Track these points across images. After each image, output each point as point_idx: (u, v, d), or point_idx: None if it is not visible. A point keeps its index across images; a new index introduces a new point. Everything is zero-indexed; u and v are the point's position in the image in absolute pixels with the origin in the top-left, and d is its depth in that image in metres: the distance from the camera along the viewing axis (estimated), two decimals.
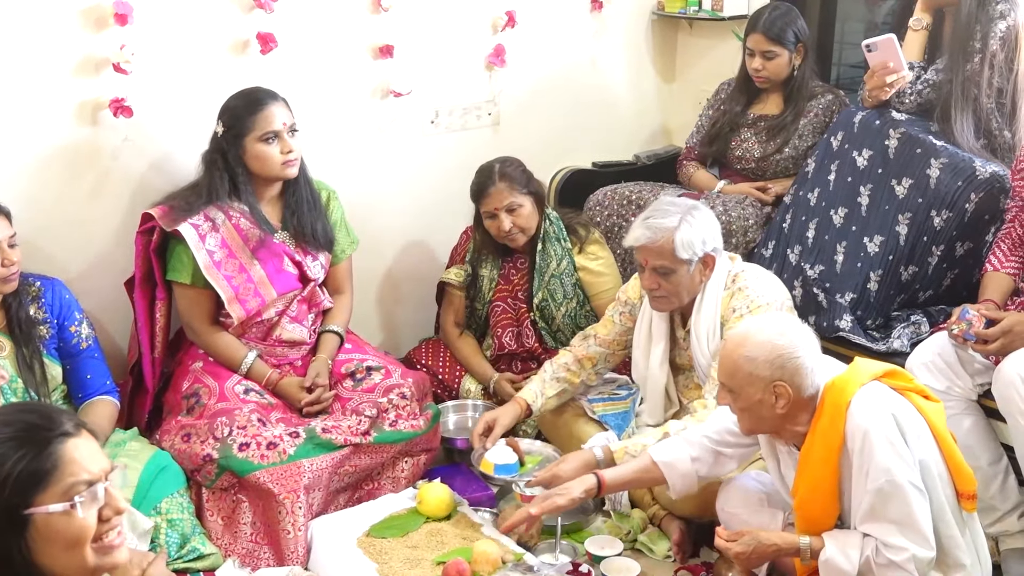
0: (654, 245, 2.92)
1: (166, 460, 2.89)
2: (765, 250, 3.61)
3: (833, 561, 2.37)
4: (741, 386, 2.41)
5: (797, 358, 2.37)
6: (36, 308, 2.91)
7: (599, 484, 2.71)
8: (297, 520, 2.85)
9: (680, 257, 2.91)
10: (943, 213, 3.12)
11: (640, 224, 2.96)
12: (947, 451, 2.40)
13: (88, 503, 1.69)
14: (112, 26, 3.10)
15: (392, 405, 3.15)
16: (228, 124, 3.09)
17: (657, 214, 2.96)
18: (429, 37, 3.81)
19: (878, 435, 2.30)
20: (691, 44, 4.57)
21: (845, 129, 3.43)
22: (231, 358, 3.17)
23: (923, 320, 3.25)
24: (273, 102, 3.10)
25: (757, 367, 2.37)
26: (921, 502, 2.30)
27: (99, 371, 3.02)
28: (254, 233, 3.13)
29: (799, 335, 2.41)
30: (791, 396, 2.37)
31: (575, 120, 4.33)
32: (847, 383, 2.39)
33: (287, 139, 3.09)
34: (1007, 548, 2.84)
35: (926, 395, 2.48)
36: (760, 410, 2.41)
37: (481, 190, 3.54)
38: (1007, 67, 3.21)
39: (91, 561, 1.71)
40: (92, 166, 3.22)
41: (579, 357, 3.27)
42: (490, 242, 3.64)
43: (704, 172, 4.01)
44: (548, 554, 2.85)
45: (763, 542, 2.45)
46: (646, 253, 2.96)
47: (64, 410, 2.14)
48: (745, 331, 2.46)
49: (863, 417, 2.33)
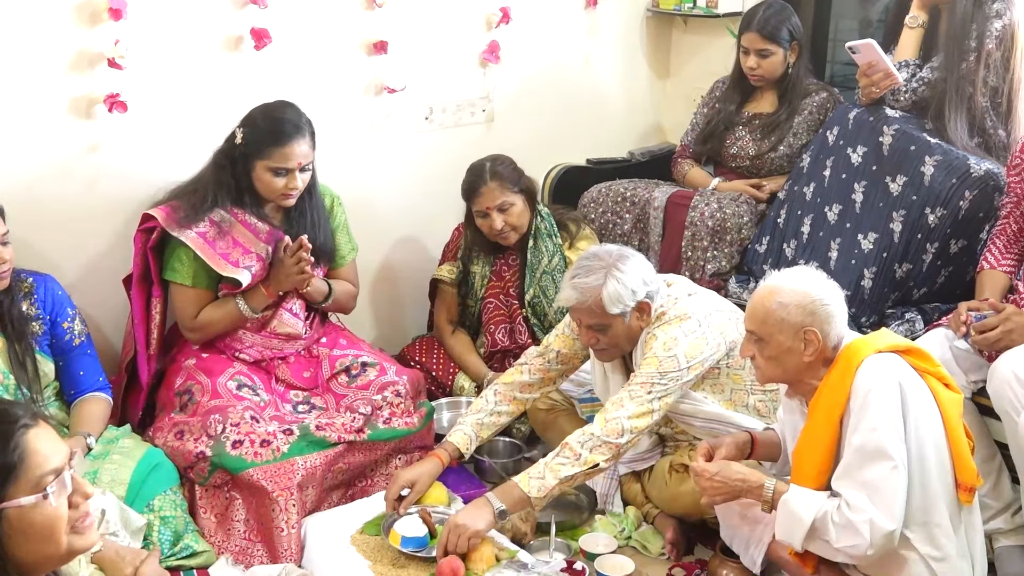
0: (583, 305, 2.86)
1: (159, 457, 2.88)
2: (759, 246, 3.62)
3: (791, 504, 2.40)
4: (771, 333, 2.45)
5: (828, 305, 2.43)
6: (28, 304, 2.89)
7: (752, 441, 2.71)
8: (290, 518, 2.84)
9: (611, 312, 2.84)
10: (937, 211, 3.12)
11: (567, 285, 2.90)
12: (953, 440, 2.40)
13: (59, 492, 1.69)
14: (106, 21, 3.08)
15: (386, 403, 3.15)
16: (246, 139, 3.05)
17: (581, 272, 2.88)
18: (423, 33, 3.81)
19: (877, 397, 2.33)
20: (685, 41, 4.57)
21: (840, 125, 3.44)
22: (231, 318, 3.14)
23: (917, 317, 3.26)
24: (298, 138, 3.04)
25: (789, 313, 2.42)
26: (897, 476, 2.31)
27: (92, 368, 3.00)
28: (262, 227, 3.13)
29: (830, 287, 2.47)
30: (819, 344, 2.41)
31: (569, 117, 4.33)
32: (866, 344, 2.43)
33: (296, 176, 3.06)
34: (1000, 546, 2.84)
35: (948, 383, 2.48)
36: (787, 359, 2.45)
37: (472, 189, 3.53)
38: (1003, 66, 3.22)
39: (65, 547, 1.72)
40: (87, 162, 3.20)
41: (532, 381, 3.11)
42: (481, 239, 3.64)
43: (699, 170, 4.01)
44: (542, 552, 2.85)
45: (733, 470, 2.52)
46: (578, 313, 2.90)
47: (17, 401, 2.12)
48: (777, 281, 2.51)
49: (869, 378, 2.35)
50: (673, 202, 3.80)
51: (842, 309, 2.46)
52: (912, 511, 2.35)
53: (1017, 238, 3.06)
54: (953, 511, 2.40)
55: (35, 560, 1.71)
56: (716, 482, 2.53)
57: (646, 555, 2.98)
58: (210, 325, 3.15)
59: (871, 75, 3.28)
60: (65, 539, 1.72)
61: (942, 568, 2.38)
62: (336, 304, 3.35)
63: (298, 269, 3.08)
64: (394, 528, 2.74)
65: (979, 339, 2.79)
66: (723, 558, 2.75)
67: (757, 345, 2.50)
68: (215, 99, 3.31)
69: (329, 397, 3.21)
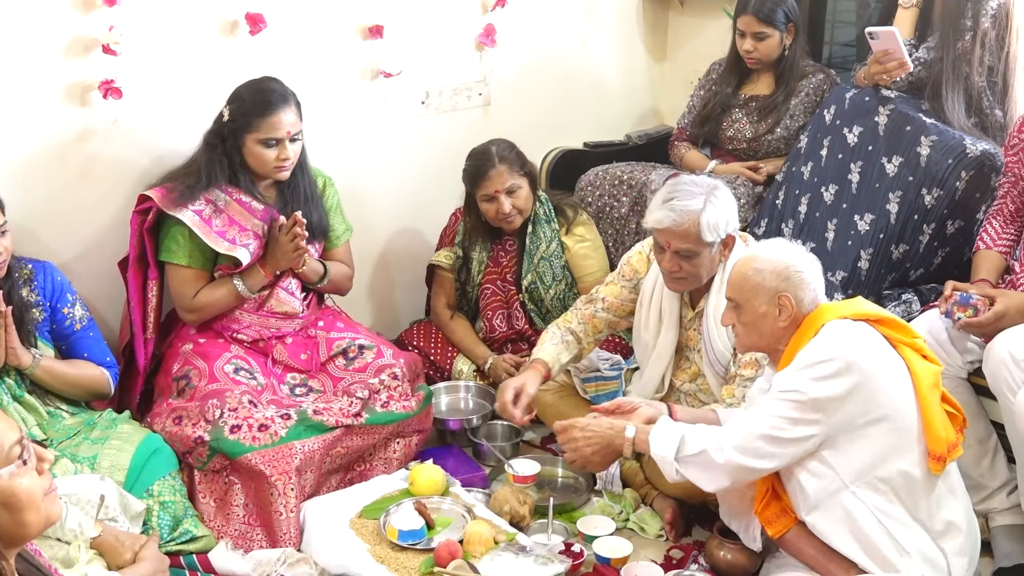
0: (679, 228, 2.83)
1: (158, 443, 2.89)
2: (758, 228, 3.61)
3: (663, 424, 2.56)
4: (747, 298, 2.52)
5: (801, 272, 2.50)
6: (29, 291, 2.90)
7: (670, 412, 2.77)
8: (289, 502, 2.85)
9: (705, 240, 2.83)
10: (934, 191, 3.12)
11: (662, 206, 2.85)
12: (924, 408, 2.42)
13: (31, 458, 1.75)
14: (101, 7, 3.08)
15: (384, 386, 3.16)
16: (233, 115, 3.07)
17: (681, 195, 2.85)
18: (419, 17, 3.79)
19: (819, 354, 2.37)
20: (682, 23, 4.55)
21: (837, 104, 3.43)
22: (229, 298, 3.15)
23: (914, 299, 3.25)
24: (284, 107, 3.06)
25: (764, 278, 2.49)
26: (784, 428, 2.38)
27: (97, 349, 3.02)
28: (257, 205, 3.13)
29: (807, 257, 2.55)
30: (793, 309, 2.48)
31: (566, 100, 4.32)
32: (831, 309, 2.50)
33: (287, 146, 3.08)
34: (996, 525, 2.85)
35: (925, 355, 2.50)
36: (763, 324, 2.52)
37: (480, 173, 3.51)
38: (998, 45, 3.21)
39: (44, 514, 1.77)
40: (82, 148, 3.20)
41: (584, 320, 3.18)
42: (481, 225, 3.63)
43: (696, 152, 4.00)
44: (541, 534, 2.86)
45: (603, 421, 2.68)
46: (669, 236, 2.86)
47: None
48: (754, 250, 2.63)
49: (824, 338, 2.41)
50: None
51: (817, 278, 2.53)
52: (860, 467, 2.39)
53: (1014, 218, 3.05)
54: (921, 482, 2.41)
55: (19, 532, 1.74)
56: (589, 432, 2.65)
57: (644, 536, 2.98)
58: (208, 306, 3.16)
59: (885, 63, 3.26)
60: (43, 506, 1.76)
61: (892, 524, 2.40)
62: (332, 285, 3.35)
63: (293, 246, 3.09)
64: (390, 522, 2.74)
65: (972, 325, 2.79)
66: (721, 539, 2.75)
67: (736, 312, 2.57)
68: (210, 85, 3.30)
69: (326, 380, 3.21)
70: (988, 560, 2.79)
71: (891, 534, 2.39)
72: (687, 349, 3.12)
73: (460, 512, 2.86)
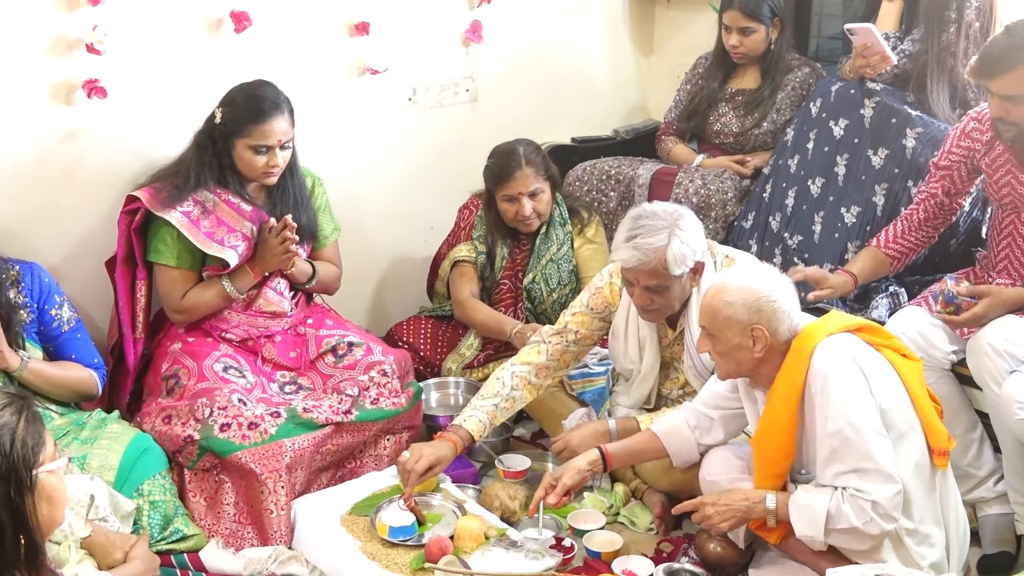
0: (646, 267, 2.76)
1: (147, 442, 2.88)
2: (745, 221, 3.62)
3: (802, 500, 2.45)
4: (720, 330, 2.47)
5: (774, 302, 2.44)
6: (16, 293, 2.89)
7: (604, 458, 2.76)
8: (280, 500, 2.85)
9: (674, 274, 2.77)
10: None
11: (626, 244, 2.77)
12: (920, 407, 2.44)
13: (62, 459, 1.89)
14: (84, 6, 3.06)
15: (373, 383, 3.16)
16: (225, 119, 3.06)
17: (644, 232, 2.76)
18: (405, 13, 3.79)
19: (837, 379, 2.36)
20: (668, 17, 4.55)
21: (823, 97, 3.44)
22: (217, 299, 3.14)
23: (901, 291, 3.27)
24: (276, 115, 3.05)
25: (736, 311, 2.44)
26: (881, 443, 2.36)
27: (84, 350, 3.01)
28: (246, 206, 3.13)
29: (776, 282, 2.50)
30: (768, 339, 2.44)
31: (553, 95, 4.31)
32: (817, 330, 2.46)
33: (277, 153, 3.07)
34: (984, 515, 2.87)
35: (904, 353, 2.51)
36: (738, 354, 2.48)
37: (506, 173, 3.46)
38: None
39: (64, 514, 1.92)
40: (68, 148, 3.19)
41: (553, 355, 3.05)
42: (501, 224, 3.60)
43: (683, 147, 4.01)
44: (531, 529, 2.86)
45: (735, 495, 2.55)
46: (636, 274, 2.80)
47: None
48: (724, 279, 2.55)
49: (824, 362, 2.40)
50: (658, 179, 3.80)
51: (791, 302, 2.48)
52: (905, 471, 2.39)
53: (920, 226, 3.05)
54: (928, 477, 2.43)
55: (49, 528, 1.86)
56: (721, 507, 2.55)
57: (634, 530, 2.99)
58: (196, 307, 3.15)
59: (867, 56, 3.27)
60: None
61: (911, 541, 2.42)
62: (320, 285, 3.35)
63: (283, 249, 3.09)
64: (380, 519, 2.74)
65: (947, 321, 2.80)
66: (710, 533, 2.76)
67: (710, 341, 2.52)
68: (196, 83, 3.29)
69: (316, 377, 3.21)
70: (976, 550, 2.80)
71: (899, 534, 2.42)
72: (672, 363, 3.08)
73: (451, 508, 2.86)
